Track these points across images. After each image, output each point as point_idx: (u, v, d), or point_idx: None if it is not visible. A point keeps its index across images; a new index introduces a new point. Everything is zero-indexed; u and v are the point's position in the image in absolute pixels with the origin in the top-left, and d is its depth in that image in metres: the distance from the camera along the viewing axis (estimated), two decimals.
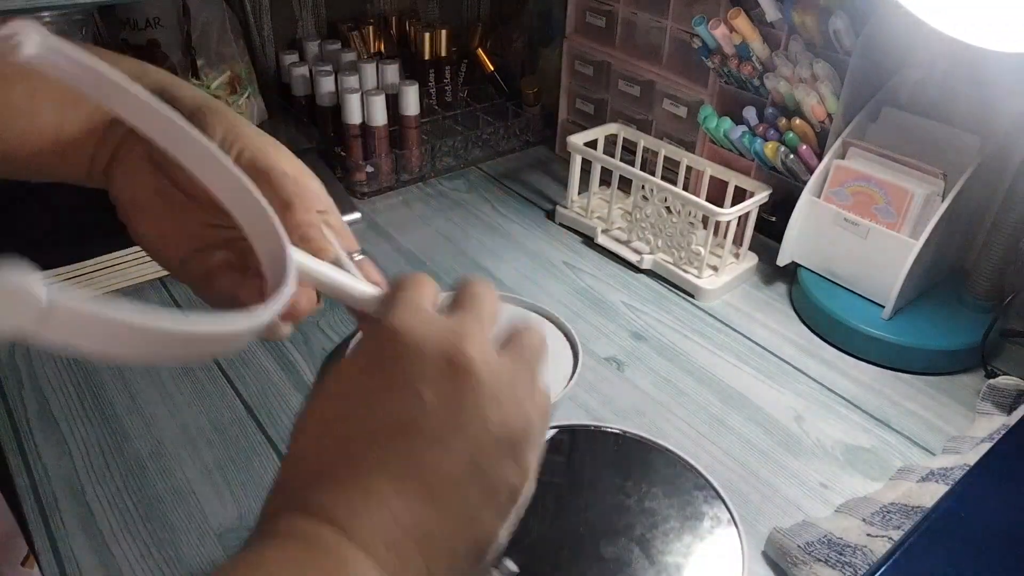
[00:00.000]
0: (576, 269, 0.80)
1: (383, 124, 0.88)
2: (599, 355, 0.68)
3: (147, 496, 0.53)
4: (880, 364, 0.68)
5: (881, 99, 0.72)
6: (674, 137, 0.89)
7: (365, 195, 0.91)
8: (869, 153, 0.70)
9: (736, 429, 0.61)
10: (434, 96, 1.04)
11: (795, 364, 0.68)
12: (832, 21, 0.69)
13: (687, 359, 0.68)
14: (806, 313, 0.74)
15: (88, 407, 0.59)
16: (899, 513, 0.50)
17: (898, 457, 0.59)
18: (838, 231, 0.71)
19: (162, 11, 0.88)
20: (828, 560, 0.47)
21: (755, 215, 0.76)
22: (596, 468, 0.54)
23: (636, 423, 0.60)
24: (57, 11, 0.77)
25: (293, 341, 0.66)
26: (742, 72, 0.76)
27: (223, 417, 0.59)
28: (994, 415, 0.60)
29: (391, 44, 1.06)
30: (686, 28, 0.83)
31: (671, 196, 0.76)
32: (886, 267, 0.67)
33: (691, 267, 0.77)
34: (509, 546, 0.41)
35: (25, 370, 0.62)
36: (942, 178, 0.66)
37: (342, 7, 1.07)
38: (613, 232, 0.83)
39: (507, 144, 1.03)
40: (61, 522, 0.50)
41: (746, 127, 0.78)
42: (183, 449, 0.56)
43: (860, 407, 0.64)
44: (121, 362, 0.61)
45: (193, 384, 0.62)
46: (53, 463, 0.55)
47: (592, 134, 0.85)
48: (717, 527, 0.50)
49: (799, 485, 0.56)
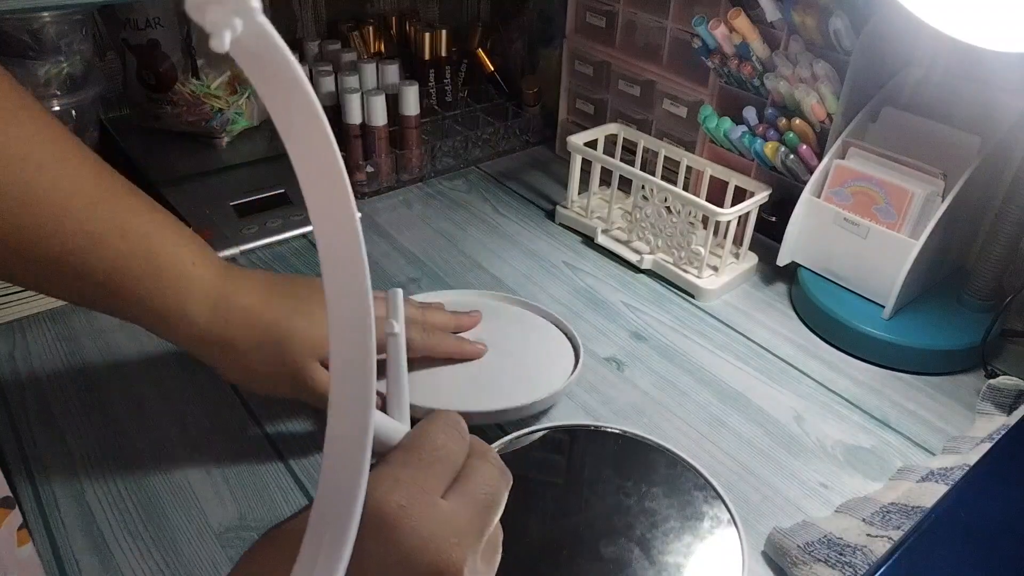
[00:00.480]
0: (576, 269, 0.80)
1: (383, 124, 0.88)
2: (599, 355, 0.68)
3: (147, 496, 0.53)
4: (880, 364, 0.68)
5: (881, 99, 0.72)
6: (674, 137, 0.89)
7: (365, 195, 0.91)
8: (869, 153, 0.70)
9: (736, 429, 0.61)
10: (434, 96, 1.04)
11: (795, 364, 0.68)
12: (832, 21, 0.69)
13: (687, 359, 0.68)
14: (806, 313, 0.74)
15: (88, 407, 0.59)
16: (899, 513, 0.50)
17: (898, 457, 0.59)
18: (838, 231, 0.71)
19: (162, 11, 0.88)
20: (828, 560, 0.47)
21: (755, 215, 0.76)
22: (596, 468, 0.54)
23: (636, 423, 0.60)
24: (57, 11, 0.77)
25: None
26: (742, 72, 0.76)
27: (223, 417, 0.59)
28: (994, 415, 0.60)
29: (391, 44, 1.06)
30: (686, 28, 0.83)
31: (671, 196, 0.76)
32: (886, 267, 0.67)
33: (691, 267, 0.77)
34: (509, 546, 0.40)
35: (25, 370, 0.62)
36: (942, 178, 0.66)
37: (342, 7, 1.07)
38: (613, 232, 0.83)
39: (507, 144, 1.03)
40: (61, 522, 0.50)
41: (746, 127, 0.78)
42: (183, 449, 0.56)
43: (860, 407, 0.64)
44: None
45: (193, 384, 0.62)
46: (53, 463, 0.55)
47: (592, 134, 0.85)
48: (717, 527, 0.50)
49: (799, 485, 0.56)
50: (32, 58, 0.77)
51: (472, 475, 0.35)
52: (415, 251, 0.81)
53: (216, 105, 0.93)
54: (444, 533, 0.31)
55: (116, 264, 0.46)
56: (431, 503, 0.32)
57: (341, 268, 0.25)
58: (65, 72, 0.80)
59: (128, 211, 0.47)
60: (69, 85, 0.81)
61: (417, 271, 0.77)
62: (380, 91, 0.88)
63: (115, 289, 0.46)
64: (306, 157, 0.24)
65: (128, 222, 0.46)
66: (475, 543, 0.33)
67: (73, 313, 0.69)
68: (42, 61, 0.78)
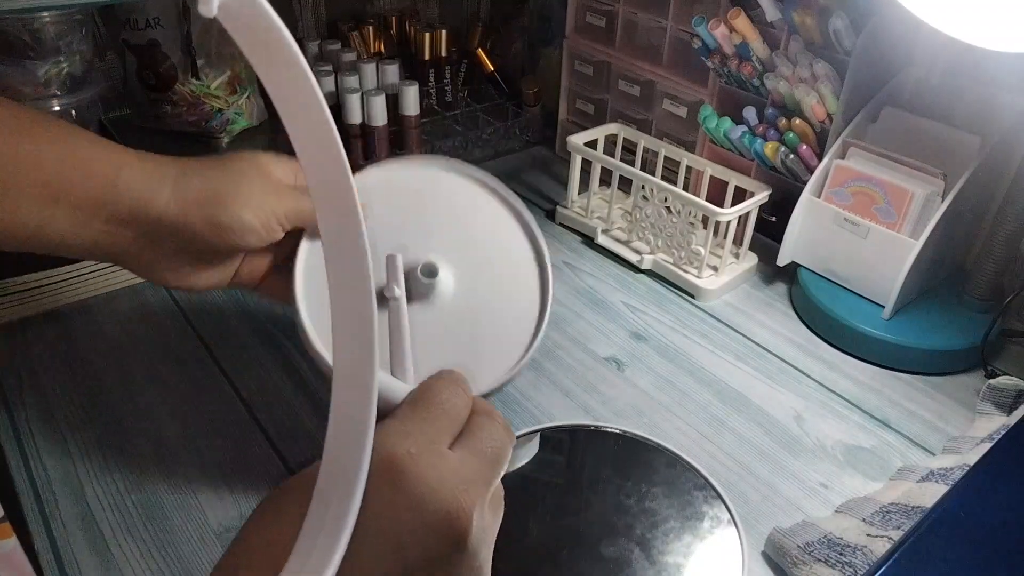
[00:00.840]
0: (576, 269, 0.80)
1: (383, 124, 0.88)
2: (599, 355, 0.68)
3: (147, 496, 0.53)
4: (880, 364, 0.68)
5: (881, 99, 0.72)
6: (674, 137, 0.89)
7: None
8: (869, 153, 0.70)
9: (736, 429, 0.61)
10: (434, 96, 1.04)
11: (795, 364, 0.68)
12: (832, 21, 0.69)
13: (687, 359, 0.68)
14: (806, 313, 0.74)
15: (88, 407, 0.59)
16: (899, 513, 0.50)
17: (898, 457, 0.59)
18: (838, 231, 0.71)
19: (162, 11, 0.88)
20: (828, 560, 0.47)
21: (755, 215, 0.76)
22: (596, 468, 0.54)
23: (636, 423, 0.60)
24: (57, 11, 0.77)
25: (293, 340, 0.66)
26: (742, 72, 0.76)
27: (223, 417, 0.59)
28: (994, 415, 0.60)
29: (391, 44, 1.06)
30: (686, 28, 0.83)
31: (671, 196, 0.76)
32: (886, 267, 0.67)
33: (691, 267, 0.77)
34: (509, 546, 0.40)
35: (25, 370, 0.62)
36: (942, 178, 0.66)
37: (342, 7, 1.07)
38: (613, 232, 0.83)
39: (507, 144, 1.03)
40: (61, 522, 0.50)
41: (746, 127, 0.78)
42: (183, 449, 0.56)
43: (860, 407, 0.64)
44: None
45: (193, 384, 0.62)
46: (53, 463, 0.55)
47: (592, 134, 0.85)
48: (717, 527, 0.50)
49: (799, 485, 0.56)
50: (32, 58, 0.77)
51: (477, 431, 0.36)
52: None
53: (216, 105, 0.93)
54: (453, 480, 0.32)
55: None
56: (439, 453, 0.33)
57: (338, 233, 0.26)
58: (65, 72, 0.80)
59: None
60: (69, 85, 0.81)
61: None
62: (380, 91, 0.88)
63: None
64: (299, 121, 0.24)
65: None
66: (483, 492, 0.34)
67: (73, 313, 0.69)
68: (42, 61, 0.78)
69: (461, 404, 0.37)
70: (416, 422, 0.34)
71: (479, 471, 0.34)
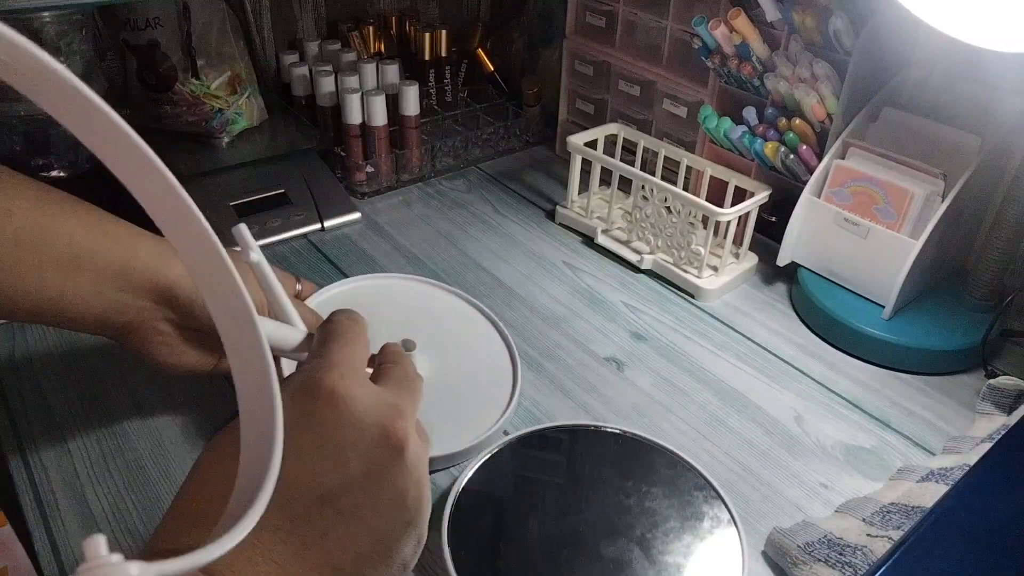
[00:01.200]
0: (576, 269, 0.80)
1: (383, 124, 0.88)
2: (599, 355, 0.68)
3: (147, 496, 0.53)
4: (880, 364, 0.68)
5: (881, 99, 0.73)
6: (674, 137, 0.89)
7: (365, 195, 0.91)
8: (869, 153, 0.70)
9: (736, 429, 0.61)
10: (434, 96, 1.04)
11: (795, 364, 0.68)
12: (832, 21, 0.69)
13: (687, 359, 0.68)
14: (806, 313, 0.74)
15: (88, 407, 0.59)
16: (899, 513, 0.50)
17: (898, 457, 0.59)
18: (838, 231, 0.71)
19: (162, 11, 0.88)
20: (828, 560, 0.47)
21: (755, 215, 0.76)
22: (596, 468, 0.54)
23: (636, 423, 0.60)
24: (57, 11, 0.77)
25: None
26: (742, 72, 0.76)
27: (223, 417, 0.59)
28: (994, 415, 0.60)
29: (391, 44, 1.06)
30: (686, 28, 0.83)
31: (671, 196, 0.76)
32: (886, 267, 0.67)
33: (691, 267, 0.77)
34: (510, 546, 0.41)
35: (25, 370, 0.62)
36: (942, 178, 0.66)
37: (342, 7, 1.07)
38: (613, 232, 0.83)
39: (507, 144, 1.03)
40: (61, 522, 0.50)
41: (746, 127, 0.78)
42: (183, 449, 0.56)
43: (860, 407, 0.64)
44: None
45: (193, 384, 0.62)
46: (53, 463, 0.55)
47: (592, 134, 0.85)
48: (717, 527, 0.50)
49: (799, 485, 0.56)
50: None
51: (390, 369, 0.40)
52: (415, 251, 0.81)
53: (216, 105, 0.93)
54: (384, 400, 0.36)
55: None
56: (365, 378, 0.37)
57: (184, 226, 0.28)
58: None
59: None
60: None
61: (417, 271, 0.77)
62: (380, 91, 0.88)
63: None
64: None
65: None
66: (411, 415, 0.37)
67: None
68: None
69: (361, 329, 0.41)
70: (335, 354, 0.37)
71: (401, 397, 0.38)
